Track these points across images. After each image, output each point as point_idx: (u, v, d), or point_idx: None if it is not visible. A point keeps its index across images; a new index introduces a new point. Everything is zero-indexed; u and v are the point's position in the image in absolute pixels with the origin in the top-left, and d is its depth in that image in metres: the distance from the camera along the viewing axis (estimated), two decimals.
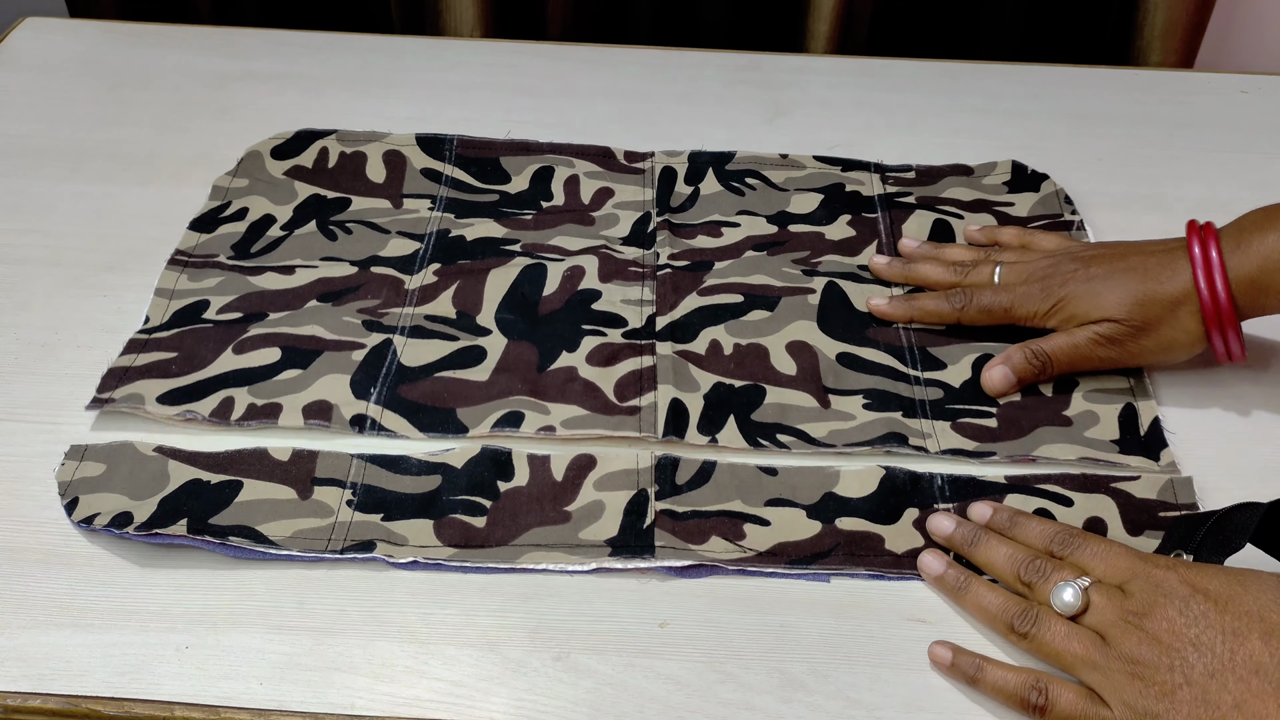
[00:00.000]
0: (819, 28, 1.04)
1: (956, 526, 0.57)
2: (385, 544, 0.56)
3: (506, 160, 0.82)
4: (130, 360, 0.65)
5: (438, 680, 0.52)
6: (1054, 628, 0.51)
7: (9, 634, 0.53)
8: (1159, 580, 0.50)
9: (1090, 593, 0.51)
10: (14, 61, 0.93)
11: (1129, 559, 0.52)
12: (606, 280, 0.72)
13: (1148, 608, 0.49)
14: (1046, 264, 0.67)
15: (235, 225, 0.76)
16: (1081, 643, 0.50)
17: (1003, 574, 0.54)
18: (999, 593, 0.53)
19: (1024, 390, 0.66)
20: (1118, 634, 0.49)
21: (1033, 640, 0.51)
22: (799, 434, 0.63)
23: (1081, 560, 0.53)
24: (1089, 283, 0.64)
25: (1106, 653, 0.49)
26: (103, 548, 0.56)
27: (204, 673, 0.51)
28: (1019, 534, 0.56)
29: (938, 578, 0.55)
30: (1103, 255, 0.66)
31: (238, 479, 0.59)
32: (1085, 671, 0.49)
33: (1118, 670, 0.48)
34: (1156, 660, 0.47)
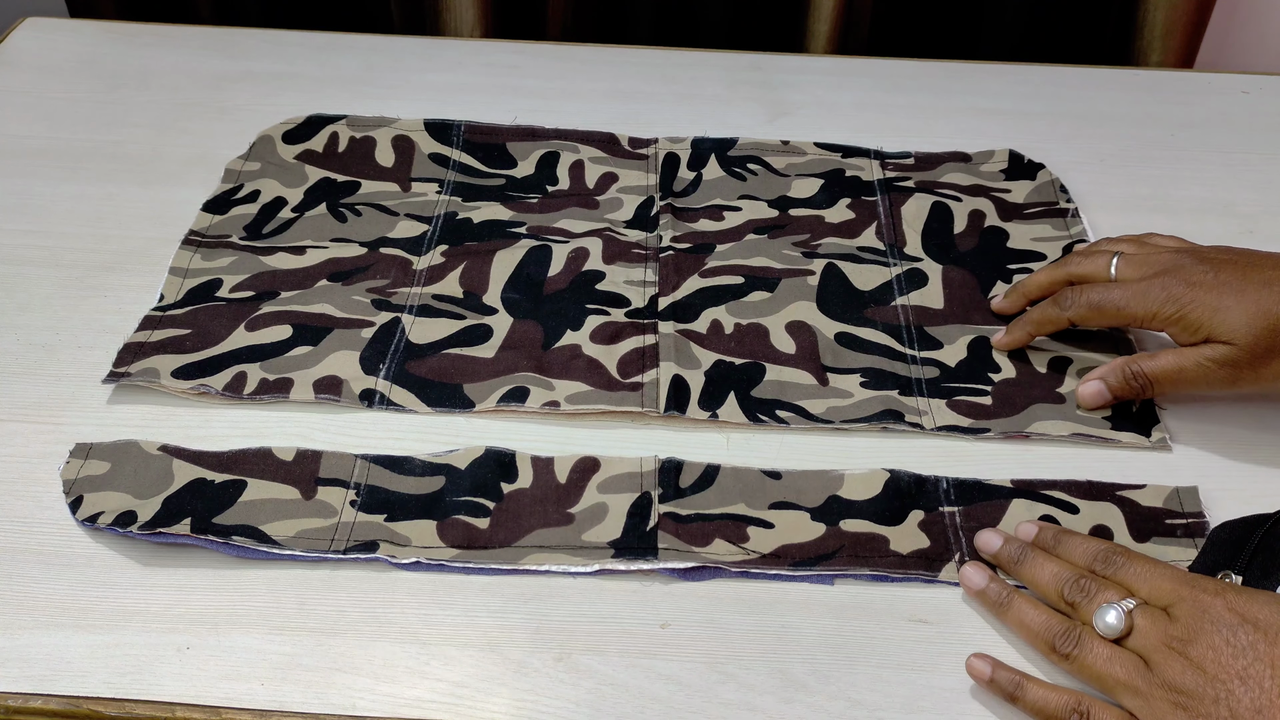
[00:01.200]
0: (819, 28, 1.04)
1: (1004, 543, 0.55)
2: (388, 544, 0.56)
3: (513, 146, 0.83)
4: (145, 336, 0.66)
5: (439, 681, 0.52)
6: (1096, 650, 0.49)
7: (10, 635, 0.53)
8: (1205, 605, 0.48)
9: (1134, 615, 0.49)
10: (14, 61, 0.93)
11: (1175, 581, 0.50)
12: (610, 262, 0.73)
13: (1193, 634, 0.47)
14: (1169, 259, 0.61)
15: (248, 207, 0.77)
16: (1124, 667, 0.48)
17: (1047, 592, 0.53)
18: (1042, 610, 0.52)
19: (1019, 370, 0.66)
20: (1161, 660, 0.47)
21: (1074, 661, 0.50)
22: (798, 409, 0.64)
23: (1126, 580, 0.51)
24: (1217, 291, 0.58)
25: (1149, 679, 0.47)
26: (103, 548, 0.56)
27: (205, 673, 0.51)
28: (1064, 552, 0.55)
29: (980, 592, 0.54)
30: (1235, 262, 0.59)
31: (241, 479, 0.59)
32: (1127, 697, 0.48)
33: (1160, 698, 0.47)
34: (1201, 691, 0.46)
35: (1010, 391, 0.65)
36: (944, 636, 0.54)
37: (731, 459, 0.61)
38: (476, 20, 1.05)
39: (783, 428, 0.63)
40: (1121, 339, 0.69)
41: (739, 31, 1.08)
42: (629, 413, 0.63)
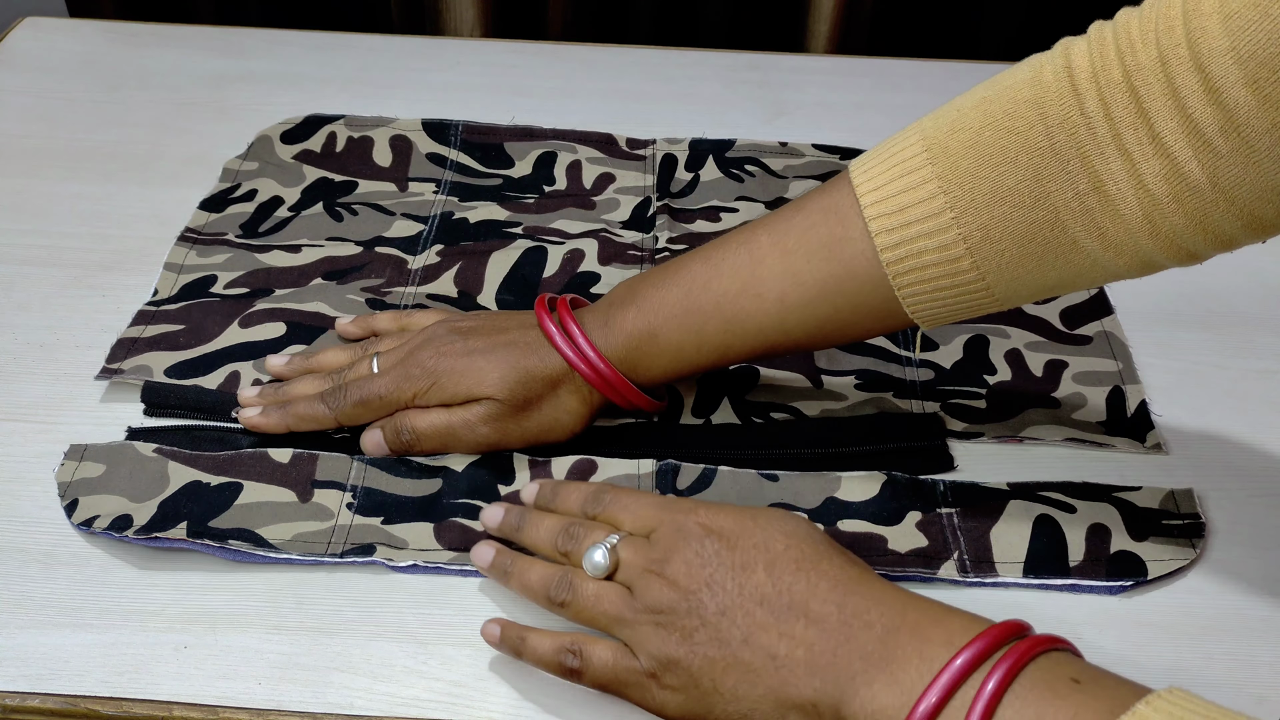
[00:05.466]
0: (819, 28, 1.04)
1: (505, 513, 0.56)
2: (385, 547, 0.56)
3: (510, 146, 0.83)
4: (139, 331, 0.66)
5: (436, 680, 0.52)
6: (586, 590, 0.50)
7: (7, 634, 0.53)
8: (679, 524, 0.50)
9: (619, 549, 0.51)
10: (14, 61, 0.93)
11: (655, 508, 0.52)
12: (606, 263, 0.73)
13: (668, 553, 0.49)
14: (421, 339, 0.61)
15: (244, 206, 0.77)
16: (611, 600, 0.50)
17: (545, 549, 0.54)
18: (541, 567, 0.53)
19: (1014, 373, 0.66)
20: (643, 585, 0.49)
21: (569, 607, 0.51)
22: (791, 410, 0.64)
23: (611, 515, 0.53)
24: (468, 357, 0.59)
25: (633, 605, 0.49)
26: (101, 548, 0.56)
27: (202, 672, 0.51)
28: (559, 504, 0.56)
29: (489, 566, 0.54)
30: (481, 328, 0.61)
31: (238, 481, 0.58)
32: (617, 628, 0.49)
33: (644, 621, 0.48)
34: (675, 604, 0.48)
35: (1005, 395, 0.65)
36: None
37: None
38: (476, 20, 1.05)
39: (781, 421, 0.63)
40: (1119, 343, 0.69)
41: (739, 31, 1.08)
42: (623, 421, 0.63)
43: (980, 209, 0.51)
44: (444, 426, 0.59)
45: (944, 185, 0.51)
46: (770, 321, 0.56)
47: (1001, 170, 0.50)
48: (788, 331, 0.57)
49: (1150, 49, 0.47)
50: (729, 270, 0.57)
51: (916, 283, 0.53)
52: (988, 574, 0.56)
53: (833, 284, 0.55)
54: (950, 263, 0.52)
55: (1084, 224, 0.49)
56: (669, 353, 0.59)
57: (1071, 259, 0.51)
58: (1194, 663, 0.53)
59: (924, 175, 0.52)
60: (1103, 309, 0.71)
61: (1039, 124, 0.49)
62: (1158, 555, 0.56)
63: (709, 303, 0.57)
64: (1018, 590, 0.56)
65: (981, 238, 0.51)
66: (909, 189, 0.52)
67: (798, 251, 0.55)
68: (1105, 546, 0.57)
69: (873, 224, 0.53)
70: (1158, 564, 0.56)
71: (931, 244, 0.52)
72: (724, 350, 0.58)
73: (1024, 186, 0.50)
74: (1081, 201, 0.49)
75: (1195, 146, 0.46)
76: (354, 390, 0.60)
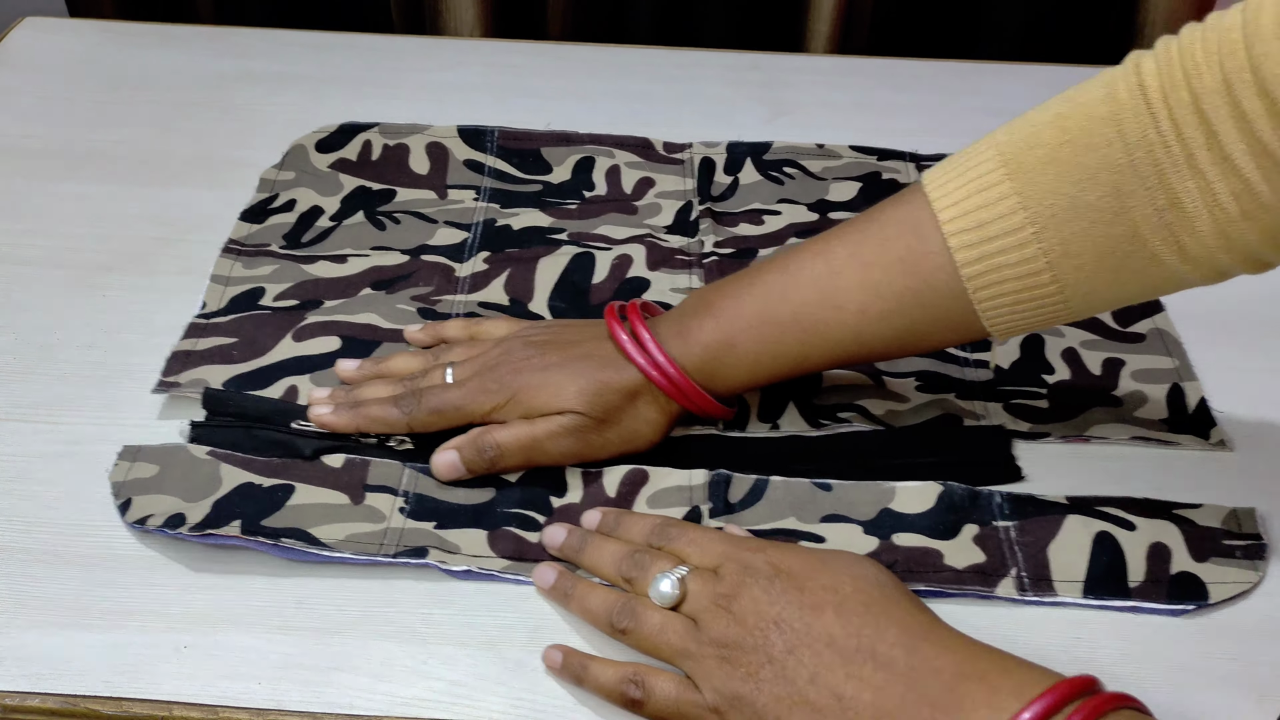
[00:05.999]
0: (819, 28, 1.04)
1: (567, 535, 0.56)
2: (438, 550, 0.56)
3: (547, 151, 0.83)
4: (191, 344, 0.66)
5: (437, 680, 0.52)
6: (651, 619, 0.51)
7: (8, 634, 0.53)
8: (747, 562, 0.50)
9: (687, 581, 0.51)
10: (14, 61, 0.93)
11: (723, 543, 0.52)
12: (654, 268, 0.73)
13: (736, 590, 0.49)
14: (497, 353, 0.61)
15: (285, 216, 0.77)
16: (676, 632, 0.50)
17: (607, 574, 0.54)
18: (602, 592, 0.53)
19: (1073, 371, 0.66)
20: (709, 619, 0.49)
21: (632, 635, 0.51)
22: (860, 410, 0.64)
23: (678, 549, 0.53)
24: (545, 372, 0.59)
25: (699, 638, 0.49)
26: (101, 547, 0.56)
27: (203, 672, 0.51)
28: (623, 532, 0.56)
29: (550, 588, 0.54)
30: (556, 342, 0.61)
31: (290, 483, 0.58)
32: (681, 660, 0.49)
33: (709, 655, 0.48)
34: (742, 641, 0.48)
35: (1067, 395, 0.65)
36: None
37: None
38: (476, 20, 1.05)
39: (846, 426, 0.63)
40: (1172, 340, 0.68)
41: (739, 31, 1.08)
42: (688, 430, 0.63)
43: (1061, 224, 0.52)
44: (529, 439, 0.59)
45: (1024, 200, 0.52)
46: (848, 333, 0.57)
47: (1082, 186, 0.51)
48: (865, 343, 0.58)
49: (1215, 72, 0.48)
50: (807, 281, 0.57)
51: (995, 296, 0.54)
52: (1046, 593, 0.55)
53: (911, 297, 0.55)
54: (1030, 276, 0.53)
55: (1163, 239, 0.50)
56: (746, 363, 0.59)
57: (1150, 272, 0.52)
58: (1194, 662, 0.53)
59: (1003, 190, 0.53)
60: (1153, 306, 0.71)
61: (1118, 141, 0.50)
62: (1219, 577, 0.55)
63: (787, 314, 0.58)
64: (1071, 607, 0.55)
65: (1062, 252, 0.52)
66: (988, 204, 0.53)
67: (876, 264, 0.56)
68: (1166, 567, 0.56)
69: (952, 239, 0.54)
70: (1220, 587, 0.55)
71: (1012, 258, 0.53)
72: (801, 361, 0.59)
73: (1104, 202, 0.51)
74: (1161, 217, 0.50)
75: (1265, 167, 0.47)
76: (430, 398, 0.60)
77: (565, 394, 0.59)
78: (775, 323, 0.58)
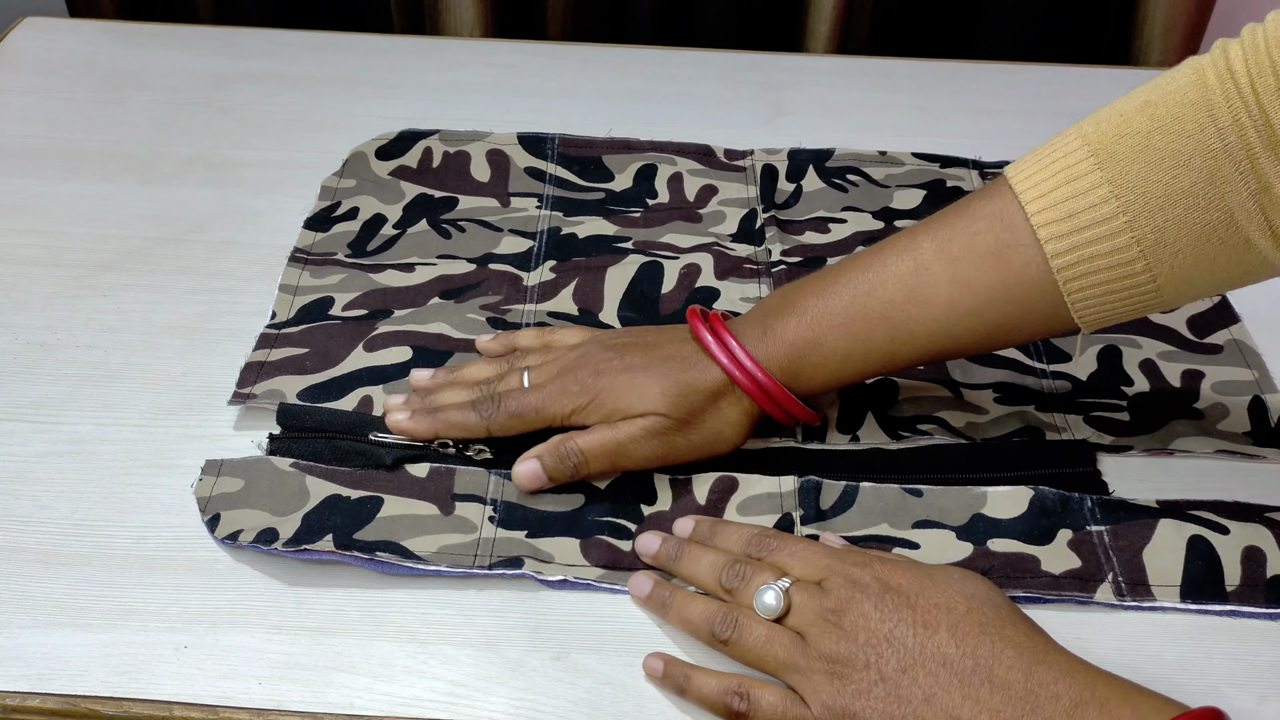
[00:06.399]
0: (819, 28, 1.05)
1: (662, 543, 0.56)
2: (533, 561, 0.55)
3: (609, 159, 0.83)
4: (264, 355, 0.66)
5: (437, 680, 0.52)
6: (755, 631, 0.50)
7: (8, 634, 0.53)
8: (854, 577, 0.50)
9: (791, 593, 0.50)
10: (14, 61, 0.93)
11: (827, 556, 0.52)
12: (723, 278, 0.73)
13: (845, 605, 0.49)
14: (575, 356, 0.61)
15: (349, 225, 0.76)
16: (782, 645, 0.49)
17: (706, 583, 0.53)
18: (702, 602, 0.52)
19: (1152, 383, 0.66)
20: (817, 633, 0.49)
21: (734, 646, 0.50)
22: (939, 422, 0.63)
23: (780, 561, 0.53)
24: (627, 374, 0.59)
25: (806, 652, 0.49)
26: (100, 548, 0.56)
27: (203, 672, 0.51)
28: (720, 541, 0.55)
29: (646, 598, 0.54)
30: (636, 344, 0.61)
31: (378, 495, 0.58)
32: (787, 673, 0.49)
33: (817, 670, 0.48)
34: (853, 657, 0.47)
35: (1147, 407, 0.65)
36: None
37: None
38: (476, 20, 1.05)
39: (926, 438, 0.62)
40: (1251, 352, 0.68)
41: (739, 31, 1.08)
42: (766, 440, 0.62)
43: (1155, 212, 0.51)
44: (612, 443, 0.58)
45: (1115, 190, 0.52)
46: (939, 328, 0.57)
47: (1175, 173, 0.51)
48: (955, 338, 0.57)
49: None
50: (893, 278, 0.57)
51: (1087, 287, 0.53)
52: (1144, 598, 0.55)
53: (1001, 291, 0.55)
54: (1123, 265, 0.52)
55: (1257, 224, 0.50)
56: (834, 361, 0.58)
57: (1243, 258, 0.52)
58: (1195, 662, 0.53)
59: (1093, 180, 0.52)
60: (1229, 317, 0.71)
61: (1210, 126, 0.50)
62: None
63: (875, 310, 0.57)
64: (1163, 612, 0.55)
65: (1156, 240, 0.51)
66: (1078, 194, 0.52)
67: (964, 259, 0.55)
68: (1261, 571, 0.56)
69: (1041, 231, 0.53)
70: None
71: (1104, 249, 0.52)
72: (889, 358, 0.58)
73: (1199, 189, 0.50)
74: (1256, 201, 0.50)
75: None
76: (509, 401, 0.60)
77: (649, 395, 0.58)
78: (863, 319, 0.57)
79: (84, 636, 0.53)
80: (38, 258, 0.73)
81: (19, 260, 0.73)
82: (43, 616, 0.53)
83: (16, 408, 0.63)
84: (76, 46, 0.95)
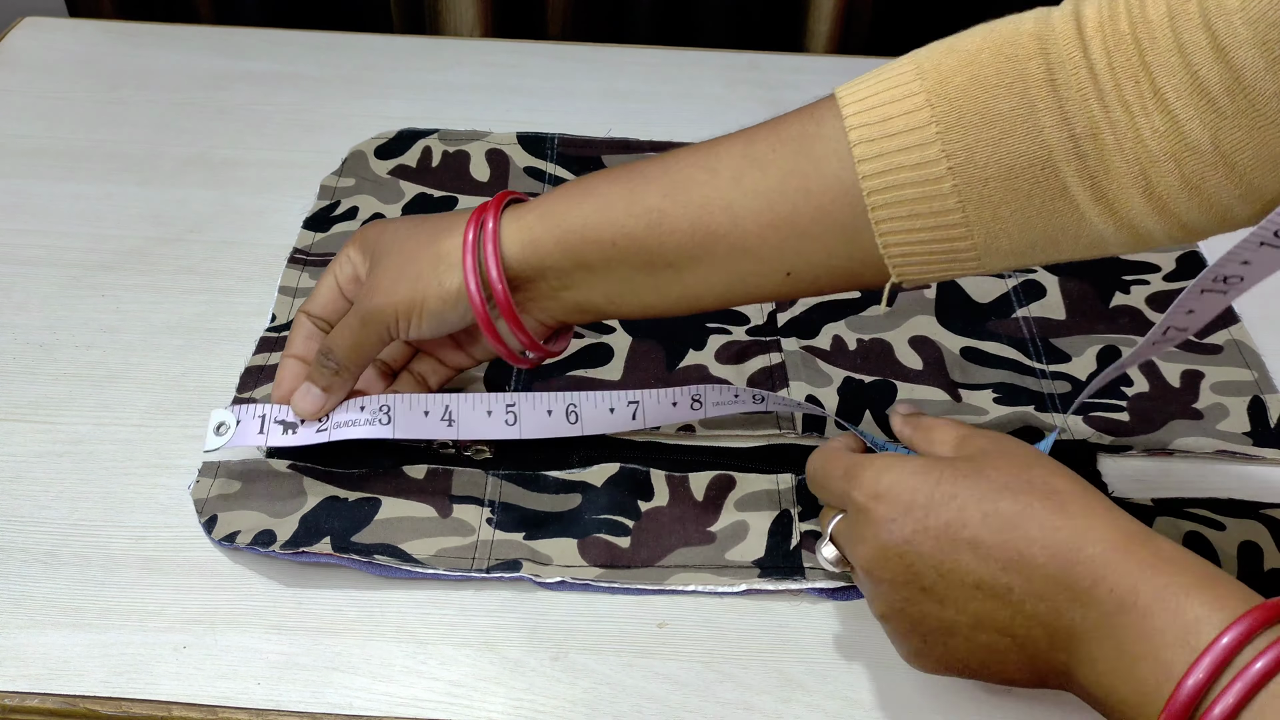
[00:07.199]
0: (819, 28, 1.04)
1: None
2: (531, 563, 0.55)
3: (608, 159, 0.83)
4: (264, 359, 0.65)
5: (435, 680, 0.52)
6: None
7: (6, 634, 0.53)
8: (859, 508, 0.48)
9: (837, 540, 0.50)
10: (13, 61, 0.93)
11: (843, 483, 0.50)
12: None
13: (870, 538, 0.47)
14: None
15: (348, 224, 0.76)
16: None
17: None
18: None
19: (1151, 383, 0.66)
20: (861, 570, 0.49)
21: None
22: None
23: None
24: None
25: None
26: (99, 548, 0.56)
27: (202, 672, 0.51)
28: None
29: None
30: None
31: (375, 496, 0.58)
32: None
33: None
34: (891, 579, 0.46)
35: (1147, 407, 0.65)
36: None
37: None
38: (476, 20, 1.05)
39: None
40: (1251, 352, 0.68)
41: (739, 31, 1.08)
42: (766, 436, 0.62)
43: (968, 129, 0.48)
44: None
45: (930, 99, 0.48)
46: (718, 197, 0.51)
47: (995, 93, 0.47)
48: (736, 218, 0.51)
49: (1159, 5, 0.45)
50: (685, 150, 0.53)
51: (892, 204, 0.49)
52: None
53: (796, 179, 0.50)
54: (930, 183, 0.48)
55: (1076, 169, 0.47)
56: (593, 213, 0.53)
57: (1059, 208, 0.48)
58: None
59: (911, 89, 0.49)
60: (1229, 317, 0.71)
61: (1039, 56, 0.47)
62: None
63: (655, 167, 0.53)
64: None
65: (966, 159, 0.47)
66: (894, 100, 0.49)
67: (763, 140, 0.51)
68: (1258, 566, 0.56)
69: (852, 132, 0.49)
70: None
71: (912, 158, 0.48)
72: (658, 219, 0.52)
73: (1017, 114, 0.47)
74: (1077, 145, 0.47)
75: (1198, 105, 0.44)
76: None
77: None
78: (640, 174, 0.53)
79: (83, 636, 0.53)
80: (37, 257, 0.73)
81: (18, 260, 0.73)
82: (41, 616, 0.53)
83: (15, 408, 0.63)
84: (76, 46, 0.95)
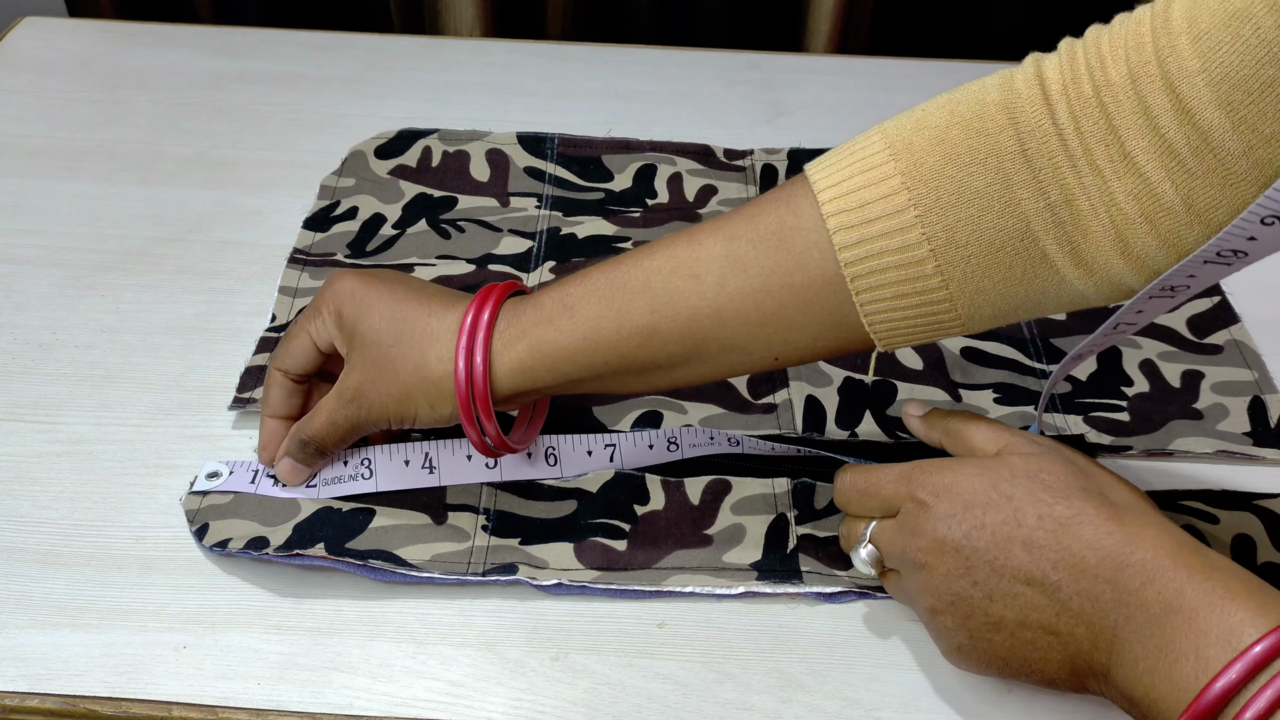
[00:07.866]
0: (819, 28, 1.04)
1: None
2: (527, 566, 0.55)
3: (608, 158, 0.83)
4: (264, 359, 0.65)
5: (435, 680, 0.52)
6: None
7: (7, 634, 0.53)
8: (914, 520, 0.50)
9: (877, 543, 0.52)
10: (13, 61, 0.93)
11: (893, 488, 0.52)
12: None
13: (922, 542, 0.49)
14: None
15: (348, 224, 0.76)
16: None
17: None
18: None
19: (1152, 384, 0.66)
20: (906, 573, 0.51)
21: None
22: None
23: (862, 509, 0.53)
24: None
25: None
26: (99, 548, 0.56)
27: (202, 673, 0.51)
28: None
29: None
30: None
31: (369, 507, 0.58)
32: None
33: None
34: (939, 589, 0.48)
35: (1147, 407, 0.65)
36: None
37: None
38: (476, 20, 1.05)
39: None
40: (1251, 352, 0.68)
41: (739, 31, 1.08)
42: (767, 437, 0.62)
43: (946, 209, 0.47)
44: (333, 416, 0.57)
45: (907, 182, 0.48)
46: (705, 306, 0.51)
47: (970, 170, 0.47)
48: (724, 323, 0.51)
49: (1120, 66, 0.45)
50: (664, 252, 0.52)
51: (875, 286, 0.49)
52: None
53: (780, 276, 0.50)
54: (913, 265, 0.48)
55: (1055, 238, 0.47)
56: (581, 330, 0.52)
57: (1040, 274, 0.48)
58: None
59: (886, 171, 0.48)
60: (1229, 317, 0.71)
61: (1009, 128, 0.47)
62: None
63: (638, 280, 0.52)
64: None
65: (947, 240, 0.48)
66: (870, 184, 0.49)
67: (742, 237, 0.51)
68: (1251, 559, 0.56)
69: (830, 220, 0.49)
70: None
71: (894, 243, 0.48)
72: (648, 336, 0.52)
73: (993, 190, 0.47)
74: (1054, 213, 0.47)
75: (1168, 166, 0.45)
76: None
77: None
78: (623, 287, 0.52)
79: (82, 636, 0.53)
80: (36, 257, 0.73)
81: (18, 260, 0.73)
82: (41, 616, 0.53)
83: (15, 407, 0.63)
84: (75, 46, 0.95)
